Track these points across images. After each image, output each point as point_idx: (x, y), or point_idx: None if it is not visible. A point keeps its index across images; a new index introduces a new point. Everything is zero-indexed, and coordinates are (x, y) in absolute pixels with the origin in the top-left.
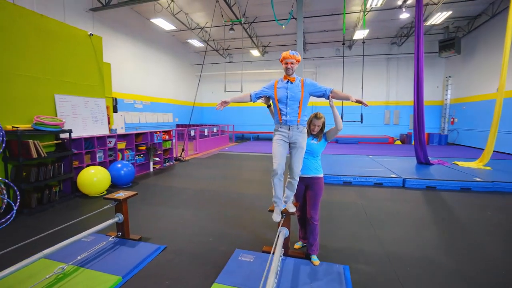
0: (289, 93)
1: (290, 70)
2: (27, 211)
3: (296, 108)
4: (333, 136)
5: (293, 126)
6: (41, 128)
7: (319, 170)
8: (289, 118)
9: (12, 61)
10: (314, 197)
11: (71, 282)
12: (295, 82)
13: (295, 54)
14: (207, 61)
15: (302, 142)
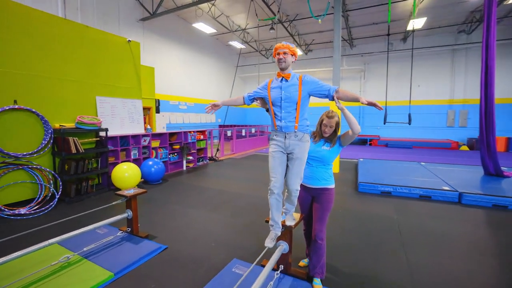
0: (283, 94)
1: (282, 62)
2: (68, 199)
3: (292, 111)
4: (349, 141)
5: (289, 133)
6: (81, 127)
7: (329, 180)
8: (285, 123)
9: (61, 68)
10: (321, 211)
11: (70, 272)
12: (291, 80)
13: (289, 44)
14: (250, 62)
15: (300, 152)
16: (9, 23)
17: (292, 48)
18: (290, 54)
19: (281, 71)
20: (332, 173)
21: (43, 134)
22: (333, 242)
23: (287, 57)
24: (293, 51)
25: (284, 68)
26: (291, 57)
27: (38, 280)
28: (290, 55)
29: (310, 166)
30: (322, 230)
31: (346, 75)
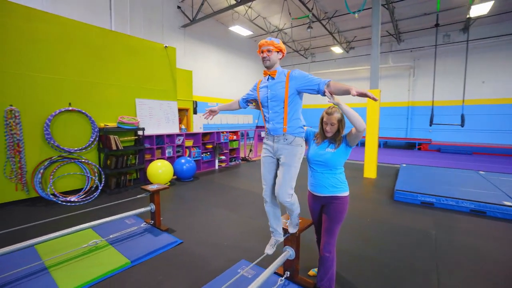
0: (269, 92)
1: (266, 60)
2: (108, 191)
3: (280, 111)
4: (356, 140)
5: (278, 136)
6: (121, 126)
7: (340, 187)
8: (273, 125)
9: (107, 74)
10: (329, 222)
11: (94, 256)
12: (278, 77)
13: (274, 40)
14: (288, 62)
15: (288, 157)
16: (67, 37)
17: (277, 44)
18: (276, 51)
19: (266, 69)
20: (343, 179)
21: (90, 132)
22: (353, 253)
23: (271, 55)
24: (278, 47)
25: (269, 67)
26: (276, 54)
27: (69, 259)
28: (275, 52)
29: (314, 171)
30: (330, 243)
31: (391, 72)
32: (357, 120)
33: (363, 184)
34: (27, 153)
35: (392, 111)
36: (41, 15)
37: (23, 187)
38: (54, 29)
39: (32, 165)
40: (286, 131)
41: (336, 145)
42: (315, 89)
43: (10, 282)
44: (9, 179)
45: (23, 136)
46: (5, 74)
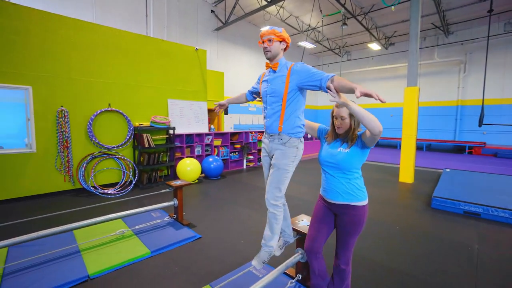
0: (269, 87)
1: (267, 51)
2: (141, 186)
3: (277, 108)
4: (373, 142)
5: (273, 135)
6: (154, 125)
7: (356, 195)
8: (269, 122)
9: (142, 77)
10: (343, 235)
11: (120, 244)
12: (279, 70)
13: (275, 29)
14: (323, 61)
15: (279, 158)
16: (108, 44)
17: (279, 33)
18: (277, 41)
19: (268, 61)
20: (361, 185)
21: (127, 131)
22: (376, 262)
23: (272, 44)
24: (280, 36)
25: (270, 58)
26: (278, 44)
27: (98, 245)
28: (277, 41)
29: (327, 174)
30: (347, 256)
31: (438, 69)
32: (370, 122)
33: (397, 189)
34: (73, 148)
35: (437, 111)
36: (87, 26)
37: (69, 178)
38: (98, 37)
39: (77, 159)
40: (282, 130)
41: (349, 144)
42: (317, 85)
43: (48, 261)
44: (59, 171)
45: (70, 133)
46: (57, 79)
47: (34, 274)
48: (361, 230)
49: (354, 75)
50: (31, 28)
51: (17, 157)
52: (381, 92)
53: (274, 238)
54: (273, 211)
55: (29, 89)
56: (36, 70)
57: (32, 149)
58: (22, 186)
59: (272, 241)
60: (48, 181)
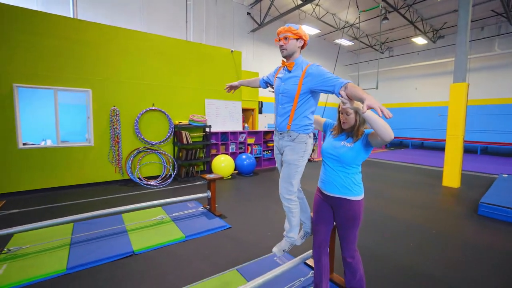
0: (282, 86)
1: (283, 49)
2: (179, 179)
3: (288, 108)
4: (379, 144)
5: (283, 133)
6: (192, 123)
7: (353, 189)
8: (279, 120)
9: (181, 78)
10: (343, 229)
11: (159, 228)
12: (294, 70)
13: (292, 26)
14: (363, 58)
15: (289, 154)
16: (151, 50)
17: (295, 30)
18: (294, 38)
19: (284, 59)
20: (359, 180)
21: (168, 128)
22: (406, 267)
23: (288, 43)
24: (297, 34)
25: (286, 56)
26: (295, 42)
27: (141, 227)
28: (293, 39)
29: (326, 166)
30: (351, 248)
31: (497, 62)
32: (383, 129)
33: (439, 193)
34: (123, 143)
35: (496, 109)
36: (135, 34)
37: (119, 170)
38: (144, 44)
39: (125, 153)
40: (290, 128)
41: (353, 140)
42: (330, 90)
43: (102, 236)
44: (111, 163)
45: (121, 130)
46: (110, 82)
47: (92, 245)
48: (358, 224)
49: (397, 72)
50: (90, 39)
51: (79, 150)
52: (428, 90)
53: (293, 230)
54: (288, 205)
55: (89, 91)
56: (94, 75)
57: (91, 143)
58: (83, 174)
59: (292, 232)
60: (102, 171)
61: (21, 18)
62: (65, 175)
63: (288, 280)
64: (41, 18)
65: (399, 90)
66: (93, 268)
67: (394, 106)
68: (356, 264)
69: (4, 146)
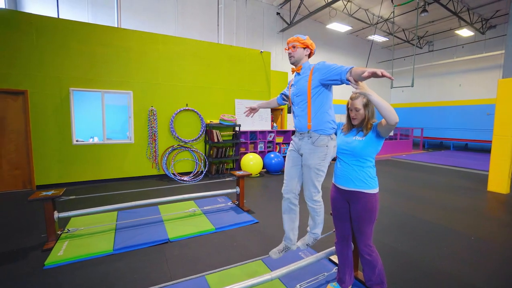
0: (295, 88)
1: (291, 57)
2: (210, 175)
3: (303, 106)
4: (387, 132)
5: (303, 133)
6: (222, 123)
7: (368, 182)
8: (298, 121)
9: (213, 79)
10: (359, 222)
11: (191, 219)
12: (303, 72)
13: (300, 37)
14: (399, 55)
15: (309, 158)
16: (185, 53)
17: (302, 40)
18: (301, 47)
19: (293, 66)
20: (373, 174)
21: (200, 127)
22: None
23: (295, 51)
24: (304, 43)
25: (294, 63)
26: (302, 50)
27: (176, 218)
28: (300, 48)
29: (341, 161)
30: (367, 244)
31: None
32: (388, 112)
33: (483, 199)
34: (159, 141)
35: None
36: (171, 39)
37: (155, 166)
38: (179, 48)
39: (161, 150)
40: (311, 128)
41: (364, 133)
42: (338, 79)
43: (142, 224)
44: (149, 159)
45: (157, 128)
46: (148, 84)
47: (134, 231)
48: (375, 218)
49: (437, 68)
50: (132, 45)
51: (121, 147)
52: (473, 86)
53: (317, 226)
54: (313, 205)
55: (131, 93)
56: (135, 78)
57: (131, 140)
58: (124, 169)
59: (316, 229)
60: (141, 166)
61: (76, 30)
62: (109, 169)
63: (312, 273)
64: (92, 29)
65: (440, 87)
66: (134, 250)
67: (432, 104)
68: (375, 260)
69: (62, 142)
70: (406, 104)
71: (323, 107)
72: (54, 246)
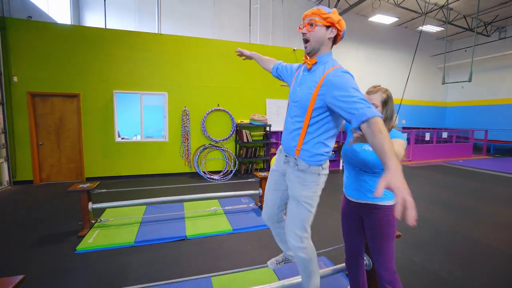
0: (297, 90)
1: (305, 42)
2: (239, 175)
3: (298, 124)
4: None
5: (289, 157)
6: (252, 123)
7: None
8: (285, 137)
9: (244, 79)
10: (375, 240)
11: (211, 218)
12: (314, 70)
13: (322, 8)
14: (457, 46)
15: (298, 189)
16: (217, 54)
17: (325, 13)
18: (323, 25)
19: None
20: None
21: (230, 127)
22: None
23: (313, 29)
24: (328, 19)
25: (310, 52)
26: (324, 31)
27: (197, 216)
28: (320, 26)
29: (349, 170)
30: (388, 268)
31: None
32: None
33: None
34: (191, 140)
35: None
36: (204, 42)
37: (188, 164)
38: (211, 50)
39: (193, 149)
40: (299, 154)
41: None
42: (347, 118)
43: (165, 219)
44: (181, 157)
45: (190, 128)
46: (182, 85)
47: (156, 226)
48: (394, 234)
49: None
50: (168, 49)
51: (156, 145)
52: None
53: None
54: (301, 254)
55: (166, 94)
56: (170, 80)
57: (166, 139)
58: (159, 166)
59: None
60: (174, 164)
61: (121, 38)
62: (146, 166)
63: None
64: (134, 36)
65: None
66: (153, 245)
67: (502, 102)
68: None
69: (106, 140)
70: (466, 102)
71: (323, 135)
72: (87, 233)
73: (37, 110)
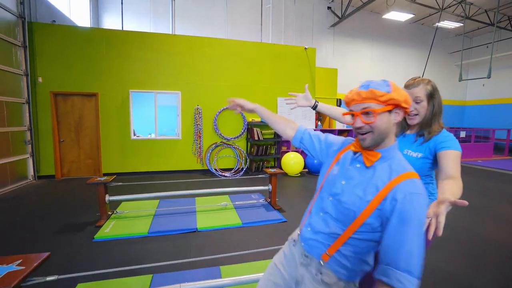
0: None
1: (363, 135)
2: (250, 172)
3: (336, 226)
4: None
5: (310, 258)
6: (263, 121)
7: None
8: (310, 234)
9: (256, 78)
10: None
11: (221, 212)
12: (375, 168)
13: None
14: (477, 42)
15: None
16: (230, 53)
17: (383, 94)
18: (384, 111)
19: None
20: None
21: (242, 125)
22: None
23: (374, 121)
24: (390, 101)
25: (368, 146)
26: (387, 117)
27: (208, 210)
28: (382, 113)
29: None
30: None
31: None
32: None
33: None
34: (204, 138)
35: None
36: (217, 41)
37: (200, 161)
38: (223, 49)
39: (205, 146)
40: (328, 260)
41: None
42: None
43: (177, 212)
44: (194, 154)
45: (202, 126)
46: (195, 84)
47: (169, 218)
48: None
49: None
50: (182, 49)
51: (170, 142)
52: None
53: None
54: None
55: (179, 93)
56: (183, 79)
57: (179, 137)
58: (172, 162)
59: None
60: (187, 161)
61: (137, 39)
62: (160, 162)
63: None
64: (149, 37)
65: None
66: (165, 235)
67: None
68: None
69: (122, 137)
70: (487, 100)
71: (366, 254)
72: (104, 224)
73: (59, 109)
